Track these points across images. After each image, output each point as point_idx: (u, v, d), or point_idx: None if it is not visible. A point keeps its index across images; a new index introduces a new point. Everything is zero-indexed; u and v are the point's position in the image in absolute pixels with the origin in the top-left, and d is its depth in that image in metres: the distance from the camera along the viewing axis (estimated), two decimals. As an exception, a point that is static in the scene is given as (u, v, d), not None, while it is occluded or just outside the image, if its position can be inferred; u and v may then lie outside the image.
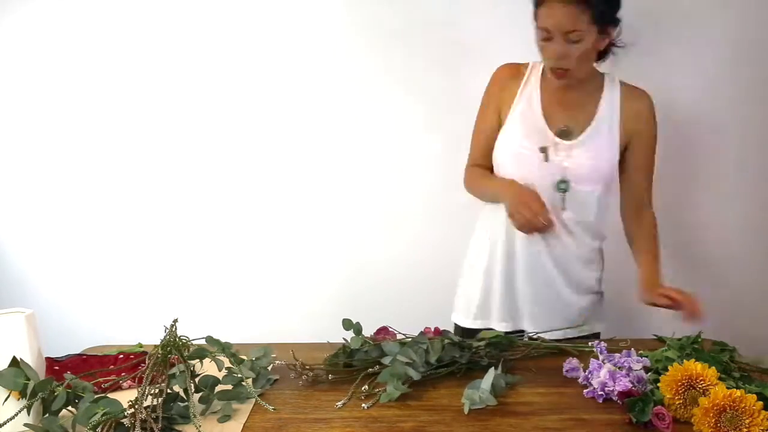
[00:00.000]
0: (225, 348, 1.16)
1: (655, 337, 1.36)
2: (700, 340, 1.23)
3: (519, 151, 1.42)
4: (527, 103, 1.44)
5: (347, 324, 1.26)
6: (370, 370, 1.16)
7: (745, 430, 0.87)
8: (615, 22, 1.36)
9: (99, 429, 0.91)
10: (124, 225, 1.92)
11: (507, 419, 1.01)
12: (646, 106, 1.44)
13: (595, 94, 1.44)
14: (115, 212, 1.92)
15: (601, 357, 1.14)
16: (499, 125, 1.46)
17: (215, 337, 1.18)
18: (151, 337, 1.28)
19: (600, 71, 1.47)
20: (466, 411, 1.03)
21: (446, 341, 1.20)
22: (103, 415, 0.92)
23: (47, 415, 0.98)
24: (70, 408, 1.00)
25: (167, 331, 1.10)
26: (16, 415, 0.94)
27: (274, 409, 1.06)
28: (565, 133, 1.41)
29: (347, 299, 1.69)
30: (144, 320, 1.88)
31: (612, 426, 0.98)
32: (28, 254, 1.97)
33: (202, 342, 1.17)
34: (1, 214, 1.95)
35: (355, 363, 1.20)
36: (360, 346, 1.21)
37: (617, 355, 1.14)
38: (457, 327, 1.56)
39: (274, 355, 1.23)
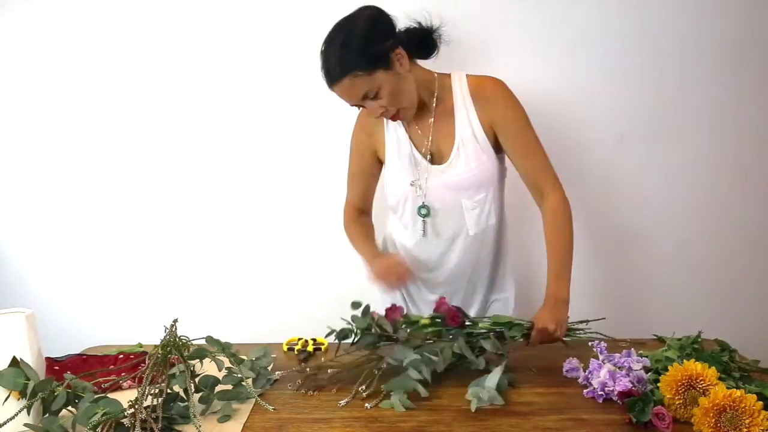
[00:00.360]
0: (225, 348, 1.16)
1: (655, 337, 1.36)
2: (700, 340, 1.23)
3: (407, 189, 1.44)
4: (396, 142, 1.45)
5: (356, 305, 1.24)
6: (375, 371, 1.16)
7: (745, 430, 0.87)
8: (390, 47, 1.29)
9: (99, 429, 0.91)
10: (124, 225, 1.92)
11: (507, 419, 1.01)
12: (495, 93, 1.39)
13: (446, 103, 1.41)
14: (116, 212, 1.92)
15: (601, 357, 1.14)
16: (381, 166, 1.51)
17: (215, 337, 1.18)
18: (151, 337, 1.29)
19: (445, 73, 1.43)
20: (473, 408, 1.03)
21: (454, 348, 1.18)
22: (103, 415, 0.92)
23: (47, 415, 0.98)
24: (70, 408, 1.00)
25: (167, 331, 1.10)
26: (16, 415, 0.94)
27: (274, 409, 1.06)
28: (435, 158, 1.43)
29: (348, 299, 1.69)
30: (144, 320, 1.88)
31: (612, 426, 0.98)
32: (27, 254, 1.97)
33: (202, 342, 1.17)
34: (1, 214, 1.95)
35: (361, 346, 1.21)
36: (366, 326, 1.21)
37: (617, 355, 1.14)
38: None
39: (274, 355, 1.24)
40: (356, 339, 1.23)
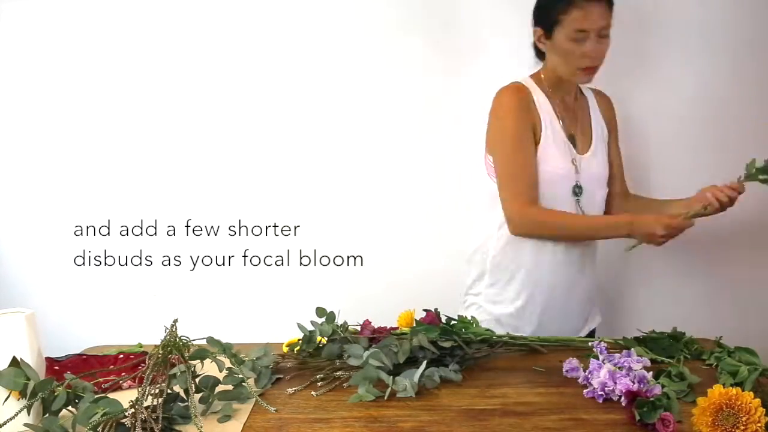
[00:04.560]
0: (226, 348, 1.16)
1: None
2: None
3: (559, 172, 1.42)
4: (550, 123, 1.43)
5: (321, 312, 1.26)
6: (338, 362, 1.19)
7: (742, 427, 0.87)
8: None
9: (99, 429, 0.91)
10: (124, 225, 1.92)
11: (507, 419, 1.01)
12: (611, 105, 1.54)
13: (582, 101, 1.50)
14: (115, 212, 1.92)
15: (601, 357, 1.14)
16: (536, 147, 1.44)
17: (216, 337, 1.18)
18: (151, 337, 1.29)
19: None
20: (386, 396, 1.06)
21: (413, 344, 1.18)
22: (103, 415, 0.92)
23: (47, 415, 0.98)
24: (70, 408, 1.00)
25: (167, 331, 1.10)
26: (16, 415, 0.94)
27: (275, 410, 1.06)
28: (578, 146, 1.46)
29: (348, 299, 1.69)
30: (144, 320, 1.88)
31: (612, 426, 0.98)
32: (27, 254, 1.96)
33: (203, 342, 1.17)
34: (1, 214, 1.95)
35: (321, 354, 1.22)
36: (330, 334, 1.21)
37: (617, 355, 1.14)
38: None
39: (275, 355, 1.24)
40: (321, 346, 1.24)
